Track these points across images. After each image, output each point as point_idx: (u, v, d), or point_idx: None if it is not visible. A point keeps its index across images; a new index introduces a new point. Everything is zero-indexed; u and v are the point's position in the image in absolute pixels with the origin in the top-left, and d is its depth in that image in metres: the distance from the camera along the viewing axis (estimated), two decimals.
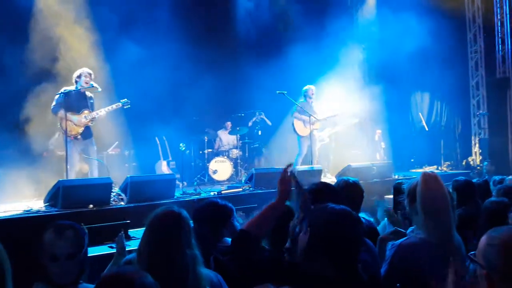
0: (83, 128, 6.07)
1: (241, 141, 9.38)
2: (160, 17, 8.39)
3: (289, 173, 1.98)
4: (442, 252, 1.94)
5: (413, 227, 2.30)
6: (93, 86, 6.09)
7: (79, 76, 6.07)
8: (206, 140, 9.09)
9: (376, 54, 10.35)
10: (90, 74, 6.13)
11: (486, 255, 1.38)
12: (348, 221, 1.65)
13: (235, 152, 9.08)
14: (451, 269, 1.58)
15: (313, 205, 1.84)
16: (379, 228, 3.39)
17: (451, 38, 11.16)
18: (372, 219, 3.18)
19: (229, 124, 9.69)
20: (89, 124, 6.13)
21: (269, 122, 9.66)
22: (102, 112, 6.15)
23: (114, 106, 6.22)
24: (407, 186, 2.25)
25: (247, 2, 9.87)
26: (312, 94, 8.21)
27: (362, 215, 2.74)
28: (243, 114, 9.76)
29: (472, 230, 2.84)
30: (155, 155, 8.72)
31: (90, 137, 6.20)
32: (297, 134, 8.20)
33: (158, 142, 8.72)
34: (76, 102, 6.04)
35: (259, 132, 9.77)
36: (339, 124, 9.10)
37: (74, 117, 6.00)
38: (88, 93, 6.20)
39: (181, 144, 6.72)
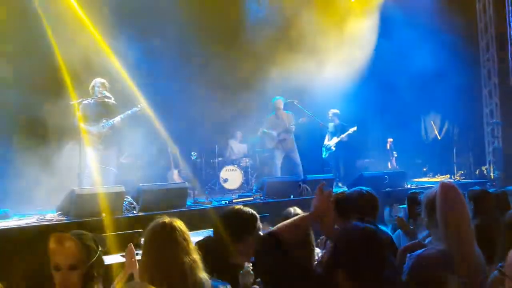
0: (102, 138, 6.15)
1: (251, 150, 9.37)
2: (170, 25, 8.43)
3: (324, 192, 1.97)
4: (463, 264, 1.90)
5: (430, 237, 2.25)
6: (105, 95, 6.16)
7: (93, 87, 6.18)
8: (216, 149, 9.09)
9: (387, 62, 10.29)
10: (103, 84, 6.20)
11: None
12: (372, 242, 1.67)
13: (246, 161, 9.07)
14: None
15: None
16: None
17: (462, 46, 11.09)
18: (388, 229, 3.13)
19: (239, 134, 9.69)
20: (109, 133, 6.20)
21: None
22: (117, 118, 6.20)
23: (129, 112, 6.29)
24: (425, 196, 2.20)
25: (257, 11, 9.90)
26: (280, 105, 8.39)
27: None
28: (253, 122, 9.75)
29: (490, 242, 2.77)
30: (167, 164, 8.74)
31: (112, 146, 6.29)
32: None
33: (169, 151, 8.74)
34: (95, 112, 6.15)
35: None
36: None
37: (93, 128, 6.10)
38: (105, 102, 6.24)
39: (192, 153, 6.72)
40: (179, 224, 2.04)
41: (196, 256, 1.99)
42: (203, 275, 1.98)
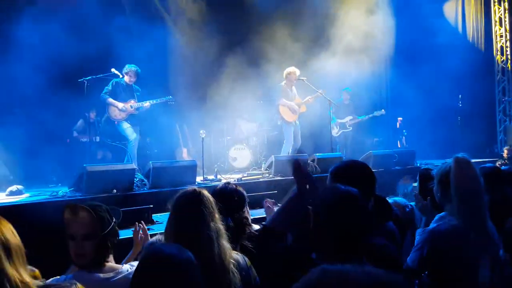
0: (127, 115, 6.58)
1: (260, 129, 9.33)
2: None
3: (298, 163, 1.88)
4: (477, 239, 1.90)
5: (441, 213, 2.24)
6: (113, 73, 6.49)
7: (127, 72, 6.59)
8: (225, 128, 9.08)
9: (400, 37, 10.07)
10: (136, 74, 6.61)
11: None
12: (347, 203, 1.54)
13: (254, 140, 9.06)
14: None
15: None
16: None
17: (476, 24, 10.85)
18: (407, 202, 3.08)
19: (245, 116, 9.66)
20: (134, 112, 6.62)
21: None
22: (147, 103, 6.62)
23: (158, 100, 6.71)
24: (439, 171, 2.18)
25: None
26: (295, 78, 7.70)
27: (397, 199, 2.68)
28: (261, 102, 9.69)
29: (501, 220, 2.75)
30: (176, 142, 8.76)
31: (136, 125, 6.71)
32: (284, 121, 7.81)
33: (178, 129, 8.75)
34: (123, 93, 6.61)
35: (278, 122, 9.64)
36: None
37: (120, 104, 6.52)
38: (135, 86, 6.74)
39: (201, 131, 6.73)
40: (207, 192, 2.11)
41: (221, 225, 2.03)
42: (227, 244, 2.03)
